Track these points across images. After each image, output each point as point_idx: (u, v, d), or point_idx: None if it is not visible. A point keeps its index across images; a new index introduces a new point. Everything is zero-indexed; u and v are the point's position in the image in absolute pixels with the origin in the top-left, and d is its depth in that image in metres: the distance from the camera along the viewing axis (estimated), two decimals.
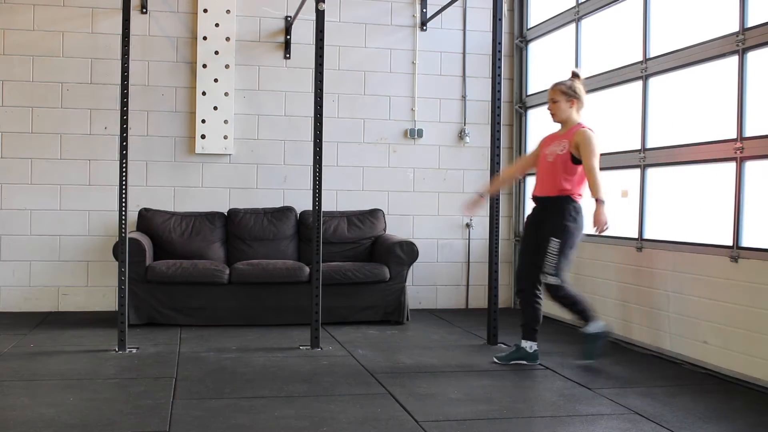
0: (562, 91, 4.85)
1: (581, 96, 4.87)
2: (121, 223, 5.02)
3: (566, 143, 4.75)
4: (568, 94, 4.83)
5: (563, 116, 4.86)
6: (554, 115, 4.89)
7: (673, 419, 3.71)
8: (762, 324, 4.29)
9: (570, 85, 4.86)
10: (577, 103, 4.85)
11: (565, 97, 4.83)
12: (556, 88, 4.88)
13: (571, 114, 4.85)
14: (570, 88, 4.85)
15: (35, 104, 6.59)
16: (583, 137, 4.68)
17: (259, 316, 6.09)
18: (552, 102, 4.88)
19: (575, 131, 4.74)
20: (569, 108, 4.84)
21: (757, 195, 4.44)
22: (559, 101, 4.85)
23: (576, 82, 4.87)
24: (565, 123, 4.87)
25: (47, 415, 3.60)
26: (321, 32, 5.16)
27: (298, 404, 3.87)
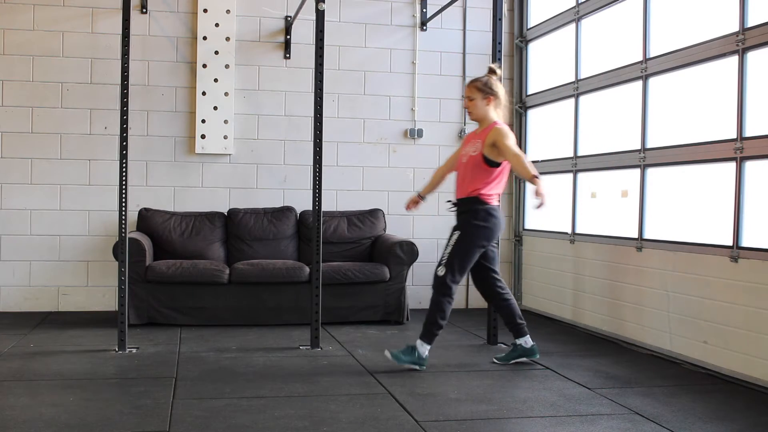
0: (478, 87, 4.69)
1: (498, 93, 4.70)
2: (121, 223, 5.02)
3: (479, 143, 4.64)
4: (484, 91, 4.68)
5: (479, 114, 4.71)
6: (470, 113, 4.76)
7: (673, 419, 3.71)
8: (762, 324, 4.29)
9: (486, 81, 4.70)
10: (494, 100, 4.69)
11: (481, 94, 4.68)
12: (472, 84, 4.73)
13: (488, 112, 4.69)
14: (486, 85, 4.68)
15: (35, 104, 6.59)
16: (498, 132, 4.54)
17: (259, 316, 6.09)
18: (468, 99, 4.73)
19: (490, 130, 4.61)
20: (485, 106, 4.68)
21: (757, 195, 4.44)
22: (475, 99, 4.70)
23: (492, 79, 4.73)
24: (481, 121, 4.73)
25: (47, 415, 3.60)
26: (321, 32, 5.16)
27: (298, 404, 3.87)
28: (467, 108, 4.78)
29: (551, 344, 5.53)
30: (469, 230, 4.64)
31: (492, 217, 4.65)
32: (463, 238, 4.64)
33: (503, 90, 4.78)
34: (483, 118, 4.72)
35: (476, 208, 4.63)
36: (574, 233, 6.34)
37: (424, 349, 4.66)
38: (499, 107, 4.74)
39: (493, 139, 4.55)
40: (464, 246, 4.63)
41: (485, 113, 4.70)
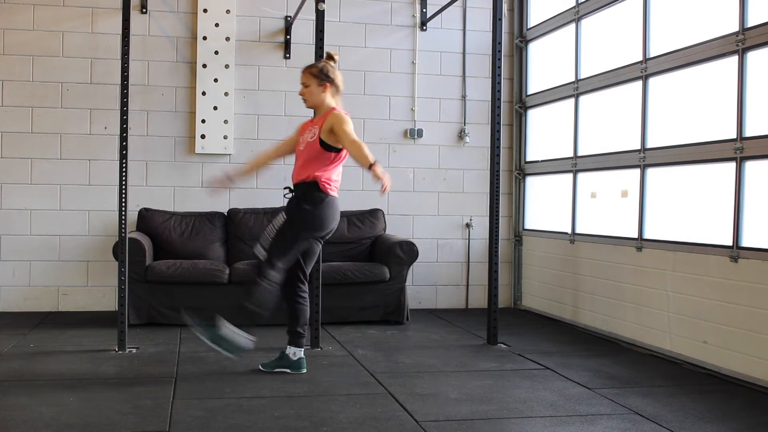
0: (313, 74, 4.50)
1: (335, 79, 4.52)
2: (121, 223, 5.02)
3: (317, 129, 4.42)
4: (319, 77, 4.48)
5: (315, 101, 4.51)
6: (306, 100, 4.55)
7: (673, 419, 3.71)
8: (762, 324, 4.29)
9: (321, 67, 4.52)
10: (331, 87, 4.51)
11: (316, 80, 4.48)
12: (307, 71, 4.53)
13: (324, 99, 4.49)
14: (321, 71, 4.49)
15: (35, 104, 6.59)
16: (336, 117, 4.33)
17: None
18: (303, 86, 4.53)
19: (327, 115, 4.41)
20: (322, 93, 4.49)
21: (757, 195, 4.44)
22: (310, 85, 4.50)
23: (329, 65, 4.55)
24: (318, 108, 4.54)
25: (47, 415, 3.60)
26: (321, 32, 5.16)
27: (298, 404, 3.87)
28: (301, 95, 4.55)
29: (551, 344, 5.53)
30: (299, 215, 4.40)
31: (325, 204, 4.40)
32: (291, 224, 4.42)
33: (341, 76, 4.59)
34: (319, 105, 4.51)
35: (312, 195, 4.38)
36: (574, 233, 6.34)
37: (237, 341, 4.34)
38: (337, 94, 4.57)
39: (331, 124, 4.33)
40: (290, 232, 4.40)
41: (321, 100, 4.49)
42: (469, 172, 7.29)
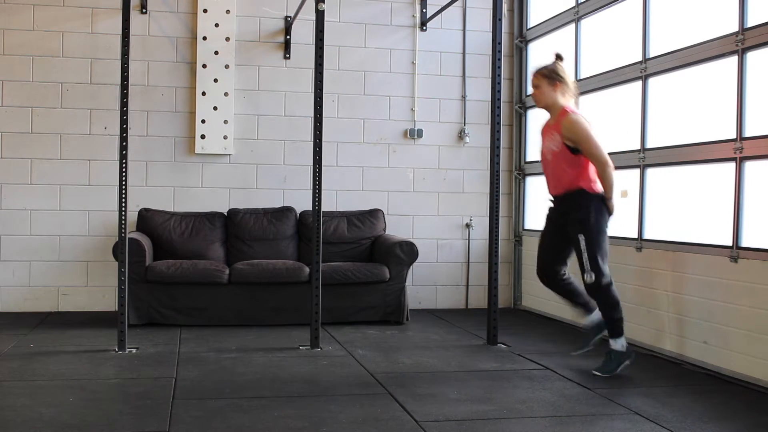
0: (544, 74, 4.73)
1: (565, 78, 4.72)
2: (121, 223, 5.02)
3: (558, 138, 4.64)
4: (551, 77, 4.71)
5: (547, 101, 4.73)
6: (538, 101, 4.79)
7: (673, 419, 3.71)
8: (762, 324, 4.29)
9: (552, 68, 4.74)
10: (561, 86, 4.71)
11: (547, 80, 4.72)
12: (538, 72, 4.77)
13: (556, 98, 4.71)
14: (552, 72, 4.72)
15: (35, 104, 6.59)
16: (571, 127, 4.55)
17: (259, 316, 6.09)
18: (535, 88, 4.77)
19: (561, 122, 4.61)
20: (553, 92, 4.71)
21: (757, 195, 4.44)
22: (541, 86, 4.74)
23: (558, 65, 4.75)
24: (551, 108, 4.75)
25: (47, 415, 3.61)
26: (321, 32, 5.16)
27: (298, 404, 3.87)
28: (534, 96, 4.81)
29: (551, 344, 5.53)
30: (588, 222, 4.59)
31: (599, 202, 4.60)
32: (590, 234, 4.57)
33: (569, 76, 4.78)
34: (552, 105, 4.72)
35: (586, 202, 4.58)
36: None
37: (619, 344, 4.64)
38: (567, 93, 4.73)
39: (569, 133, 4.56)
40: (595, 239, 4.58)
41: (554, 100, 4.70)
42: (469, 172, 7.29)
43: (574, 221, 4.60)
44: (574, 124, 4.55)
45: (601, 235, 4.58)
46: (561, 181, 4.68)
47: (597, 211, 4.57)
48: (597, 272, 4.53)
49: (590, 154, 4.53)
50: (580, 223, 4.57)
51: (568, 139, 4.57)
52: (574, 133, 4.54)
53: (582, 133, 4.53)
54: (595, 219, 4.56)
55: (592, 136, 4.52)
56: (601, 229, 4.59)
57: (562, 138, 4.60)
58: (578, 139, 4.53)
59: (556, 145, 4.64)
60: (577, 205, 4.60)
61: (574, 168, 4.60)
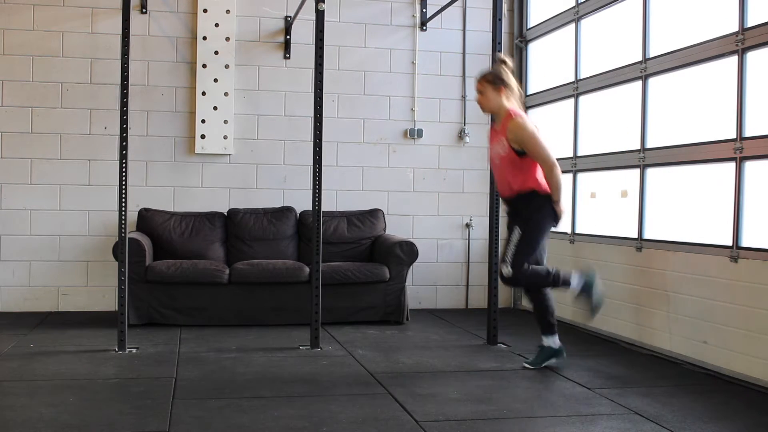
0: (488, 80, 4.70)
1: (509, 82, 4.68)
2: (121, 223, 5.02)
3: (504, 141, 4.61)
4: (495, 83, 4.67)
5: (492, 106, 4.70)
6: (483, 107, 4.76)
7: (673, 419, 3.71)
8: (762, 324, 4.29)
9: (496, 73, 4.71)
10: (506, 90, 4.67)
11: (491, 86, 4.67)
12: (482, 78, 4.73)
13: (501, 103, 4.67)
14: (497, 77, 4.68)
15: (35, 104, 6.59)
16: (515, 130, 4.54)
17: (259, 316, 6.09)
18: (479, 94, 4.74)
19: (507, 126, 4.60)
20: (498, 97, 4.67)
21: (757, 195, 4.44)
22: (485, 92, 4.70)
23: (503, 69, 4.71)
24: (497, 113, 4.72)
25: (47, 415, 3.61)
26: (321, 32, 5.16)
27: (298, 404, 3.87)
28: (478, 102, 4.79)
29: None
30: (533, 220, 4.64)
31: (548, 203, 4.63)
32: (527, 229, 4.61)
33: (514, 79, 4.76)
34: (497, 110, 4.70)
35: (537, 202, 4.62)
36: (574, 233, 6.34)
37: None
38: (512, 97, 4.72)
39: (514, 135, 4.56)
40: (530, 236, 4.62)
41: (498, 104, 4.68)
42: (469, 172, 7.29)
43: (521, 218, 4.63)
44: (518, 127, 4.55)
45: (537, 235, 4.61)
46: (511, 184, 4.68)
47: (544, 213, 4.61)
48: (515, 269, 4.55)
49: (536, 156, 4.53)
50: (523, 220, 4.61)
51: (513, 141, 4.57)
52: (519, 136, 4.54)
53: (527, 136, 4.52)
54: (538, 219, 4.60)
55: (537, 138, 4.52)
56: (539, 229, 4.61)
57: (508, 141, 4.59)
58: (523, 141, 4.53)
59: (503, 148, 4.64)
60: (528, 205, 4.63)
61: (523, 171, 4.61)
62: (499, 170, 4.76)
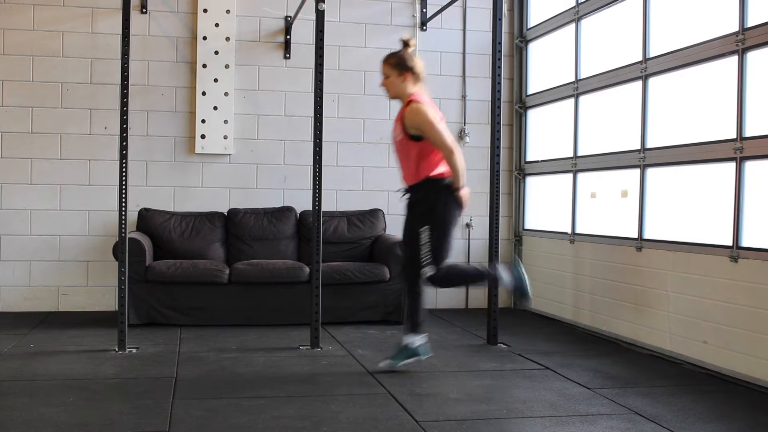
0: (392, 64, 4.53)
1: (414, 67, 4.51)
2: (121, 223, 5.02)
3: (399, 127, 4.48)
4: (399, 67, 4.51)
5: (397, 91, 4.54)
6: (388, 91, 4.59)
7: (673, 419, 3.71)
8: (762, 324, 4.29)
9: (401, 57, 4.54)
10: (411, 75, 4.51)
11: (396, 71, 4.51)
12: (386, 62, 4.56)
13: (405, 88, 4.51)
14: (401, 61, 4.52)
15: (35, 104, 6.59)
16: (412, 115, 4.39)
17: (259, 316, 6.09)
18: (384, 78, 4.57)
19: (405, 111, 4.45)
20: (402, 82, 4.51)
21: (757, 195, 4.44)
22: (390, 76, 4.53)
23: (406, 53, 4.55)
24: (401, 98, 4.55)
25: (47, 415, 3.61)
26: (321, 32, 5.16)
27: (298, 404, 3.87)
28: (383, 86, 4.60)
29: (551, 344, 5.53)
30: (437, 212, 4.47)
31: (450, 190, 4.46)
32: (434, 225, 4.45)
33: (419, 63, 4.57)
34: (400, 95, 4.54)
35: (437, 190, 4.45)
36: (574, 233, 6.35)
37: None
38: (418, 82, 4.54)
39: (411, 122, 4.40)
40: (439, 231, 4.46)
41: (403, 90, 4.51)
42: (469, 172, 7.17)
43: (420, 213, 4.47)
44: (416, 111, 4.38)
45: (447, 227, 4.44)
46: (410, 170, 4.50)
47: (445, 203, 4.43)
48: (437, 266, 4.41)
49: (434, 141, 4.37)
50: (424, 215, 4.44)
51: (411, 127, 4.39)
52: (417, 121, 4.37)
53: (425, 121, 4.35)
54: (443, 210, 4.43)
55: (435, 123, 4.35)
56: (447, 220, 4.45)
57: (404, 126, 4.43)
58: (421, 126, 4.36)
59: (399, 133, 4.50)
60: (425, 196, 4.46)
61: (420, 157, 4.44)
62: (399, 157, 4.59)
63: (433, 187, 4.46)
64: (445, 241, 4.46)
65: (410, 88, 4.54)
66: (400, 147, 4.54)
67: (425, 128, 4.37)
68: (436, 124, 4.39)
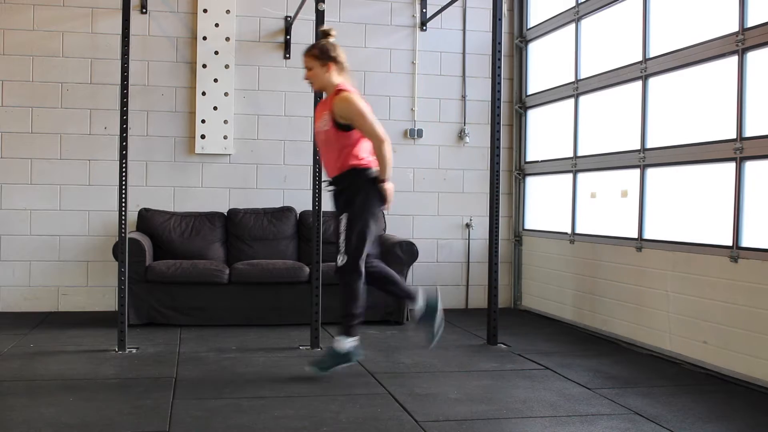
0: (315, 56, 4.45)
1: (337, 57, 4.46)
2: (121, 223, 5.02)
3: (328, 116, 4.39)
4: (322, 58, 4.44)
5: (322, 82, 4.48)
6: (312, 83, 4.54)
7: (673, 419, 3.71)
8: (762, 324, 4.29)
9: (323, 48, 4.48)
10: (334, 65, 4.45)
11: (319, 62, 4.45)
12: (308, 53, 4.48)
13: (330, 79, 4.45)
14: (323, 51, 4.46)
15: (35, 104, 6.59)
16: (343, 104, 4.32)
17: (259, 316, 6.09)
18: (308, 70, 4.49)
19: (333, 100, 4.37)
20: (326, 73, 4.45)
21: (757, 195, 4.44)
22: (314, 68, 4.46)
23: (328, 43, 4.50)
24: (326, 89, 4.50)
25: (47, 415, 3.61)
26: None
27: (298, 404, 3.87)
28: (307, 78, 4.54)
29: (551, 344, 5.53)
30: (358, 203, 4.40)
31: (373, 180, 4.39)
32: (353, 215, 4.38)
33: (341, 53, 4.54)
34: (326, 86, 4.48)
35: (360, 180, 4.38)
36: (573, 233, 6.35)
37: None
38: (343, 72, 4.50)
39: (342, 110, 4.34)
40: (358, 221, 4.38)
41: (328, 80, 4.45)
42: (469, 172, 7.29)
43: (344, 202, 4.40)
44: (346, 100, 4.32)
45: (366, 219, 4.35)
46: (335, 161, 4.43)
47: (367, 193, 4.36)
48: (350, 256, 4.30)
49: (364, 130, 4.32)
50: (347, 204, 4.38)
51: (340, 116, 4.32)
52: (347, 110, 4.30)
53: (355, 110, 4.29)
54: (363, 201, 4.35)
55: (365, 112, 4.30)
56: (367, 212, 4.36)
57: (333, 115, 4.35)
58: (351, 115, 4.29)
59: (326, 123, 4.42)
60: (348, 186, 4.39)
61: (346, 147, 4.36)
62: (323, 147, 4.52)
63: (357, 177, 4.38)
64: (363, 233, 4.35)
65: (335, 78, 4.47)
66: (325, 138, 4.46)
67: (356, 117, 4.31)
68: (367, 113, 4.33)
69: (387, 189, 4.38)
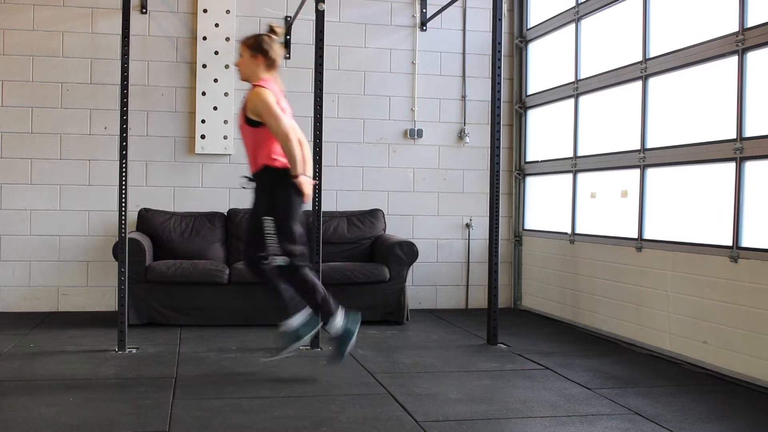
0: (248, 45, 4.44)
1: (270, 52, 4.42)
2: (121, 223, 5.02)
3: (240, 111, 4.41)
4: (254, 49, 4.42)
5: (247, 73, 4.45)
6: (240, 72, 4.50)
7: (673, 419, 3.71)
8: (762, 324, 4.30)
9: (259, 39, 4.45)
10: (264, 60, 4.42)
11: (250, 51, 4.43)
12: (244, 42, 4.48)
13: (256, 71, 4.42)
14: (257, 43, 4.43)
15: (35, 104, 6.59)
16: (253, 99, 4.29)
17: (259, 316, 6.08)
18: (239, 57, 4.50)
19: (248, 95, 4.35)
20: (254, 65, 4.42)
21: (757, 195, 4.44)
22: (244, 56, 4.45)
23: (266, 38, 4.47)
24: (250, 81, 4.46)
25: (47, 415, 3.61)
26: (321, 32, 5.16)
27: (298, 404, 3.87)
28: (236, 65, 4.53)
29: (551, 344, 5.53)
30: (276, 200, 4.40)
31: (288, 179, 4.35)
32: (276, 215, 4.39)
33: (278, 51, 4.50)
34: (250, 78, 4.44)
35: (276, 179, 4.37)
36: (573, 233, 6.35)
37: None
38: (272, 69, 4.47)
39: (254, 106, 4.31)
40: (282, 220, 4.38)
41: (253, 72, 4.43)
42: (469, 172, 7.29)
43: (263, 202, 4.39)
44: (257, 96, 4.28)
45: (284, 216, 4.34)
46: (252, 158, 4.42)
47: (283, 191, 4.33)
48: (289, 255, 4.32)
49: (271, 126, 4.26)
50: (266, 204, 4.36)
51: (251, 111, 4.30)
52: (255, 105, 4.27)
53: (264, 105, 4.25)
54: (281, 199, 4.34)
55: (273, 108, 4.24)
56: (283, 209, 4.34)
57: (245, 110, 4.34)
58: (259, 110, 4.26)
59: (241, 118, 4.43)
60: (263, 185, 4.39)
61: (260, 143, 4.35)
62: (244, 143, 4.51)
63: (271, 175, 4.37)
64: (291, 230, 4.35)
65: (261, 73, 4.44)
66: (241, 132, 4.49)
67: (263, 113, 4.28)
68: (274, 108, 4.27)
69: (301, 183, 4.33)
